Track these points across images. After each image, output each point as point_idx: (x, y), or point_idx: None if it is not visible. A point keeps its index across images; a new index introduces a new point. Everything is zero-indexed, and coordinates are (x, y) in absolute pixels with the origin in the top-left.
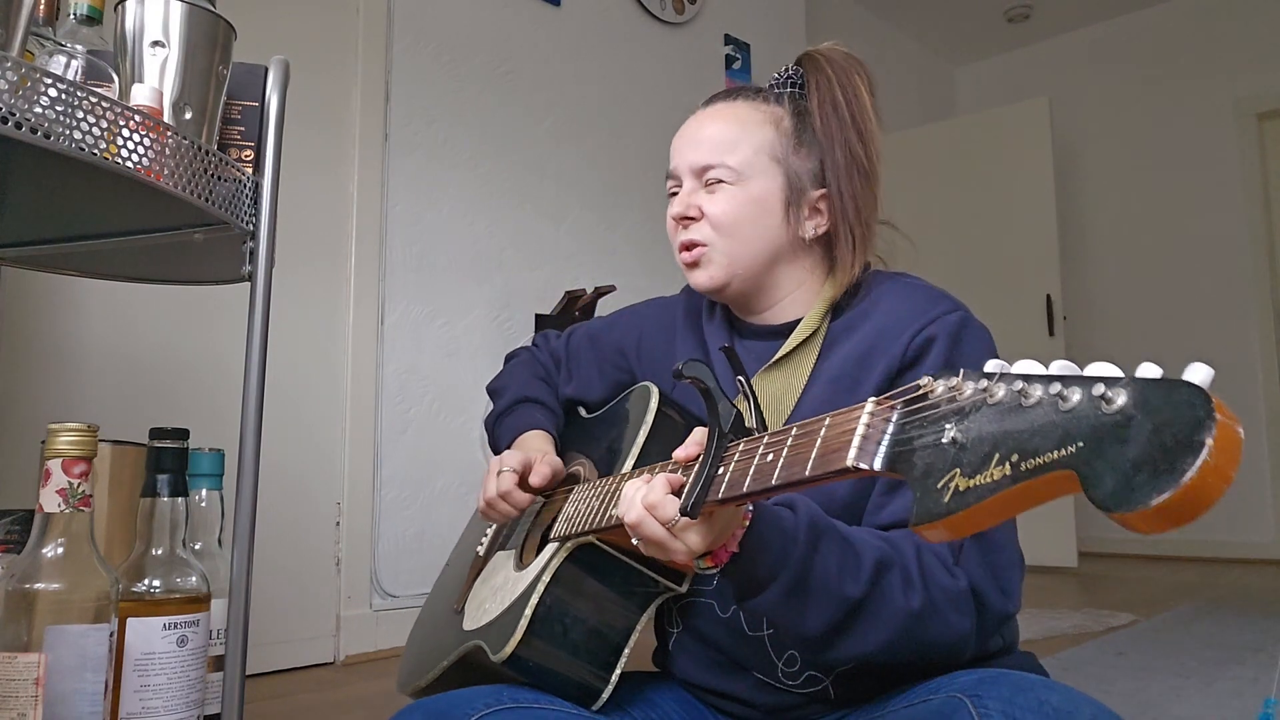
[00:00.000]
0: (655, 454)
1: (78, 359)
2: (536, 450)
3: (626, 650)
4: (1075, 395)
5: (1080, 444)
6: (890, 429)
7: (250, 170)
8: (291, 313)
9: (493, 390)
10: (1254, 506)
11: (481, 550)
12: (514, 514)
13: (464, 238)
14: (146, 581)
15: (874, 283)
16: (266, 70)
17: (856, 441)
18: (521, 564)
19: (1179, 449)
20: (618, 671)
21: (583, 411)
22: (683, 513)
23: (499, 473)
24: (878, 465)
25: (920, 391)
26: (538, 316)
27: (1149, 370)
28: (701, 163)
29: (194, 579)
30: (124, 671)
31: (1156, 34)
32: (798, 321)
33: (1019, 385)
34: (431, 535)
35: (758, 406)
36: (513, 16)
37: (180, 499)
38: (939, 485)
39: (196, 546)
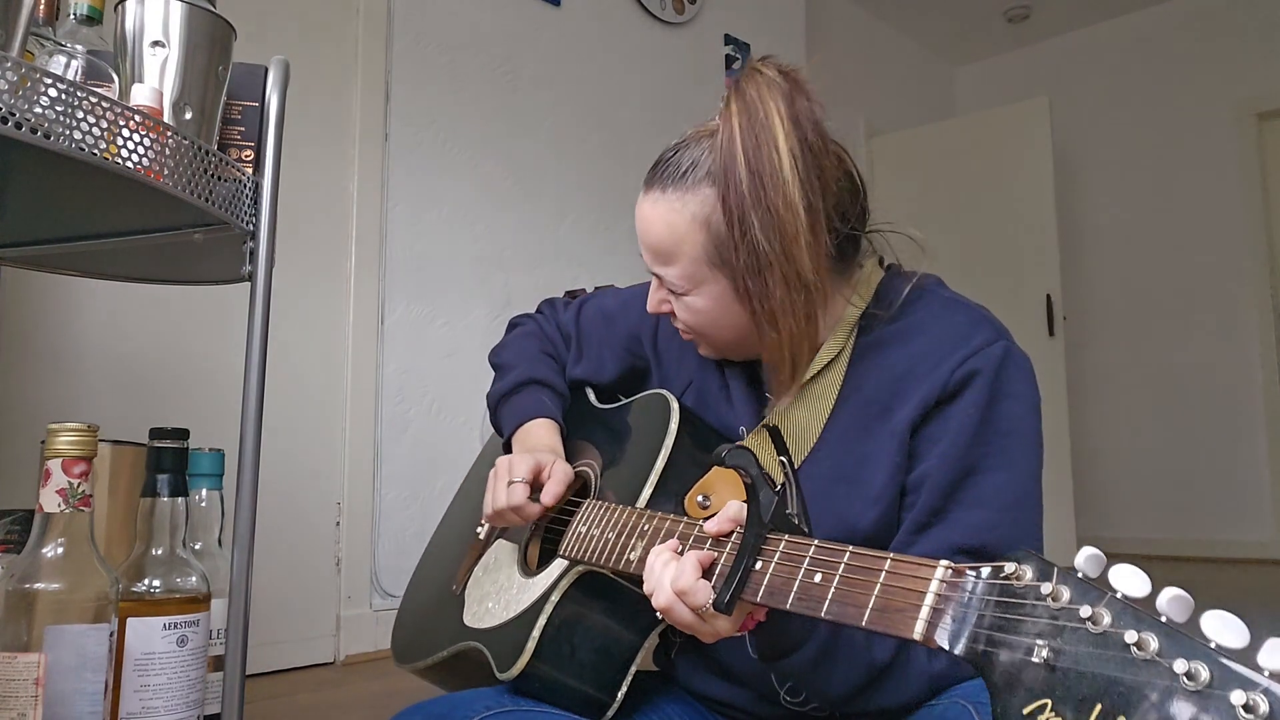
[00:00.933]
0: (674, 481)
1: (78, 359)
2: (546, 450)
3: (633, 668)
4: (1203, 673)
5: None
6: (969, 607)
7: (250, 170)
8: (291, 313)
9: (497, 364)
10: (1253, 506)
11: (482, 533)
12: (521, 524)
13: (464, 238)
14: (146, 581)
15: (906, 296)
16: (266, 70)
17: (925, 613)
18: (527, 568)
19: None
20: (623, 690)
21: (591, 396)
22: (717, 608)
23: (509, 484)
24: (959, 650)
25: (1005, 576)
26: None
27: None
28: (651, 269)
29: (194, 579)
30: (124, 671)
31: (1156, 34)
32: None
33: (1132, 634)
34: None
35: (800, 493)
36: (513, 16)
37: (180, 499)
38: (1026, 712)
39: (196, 546)
